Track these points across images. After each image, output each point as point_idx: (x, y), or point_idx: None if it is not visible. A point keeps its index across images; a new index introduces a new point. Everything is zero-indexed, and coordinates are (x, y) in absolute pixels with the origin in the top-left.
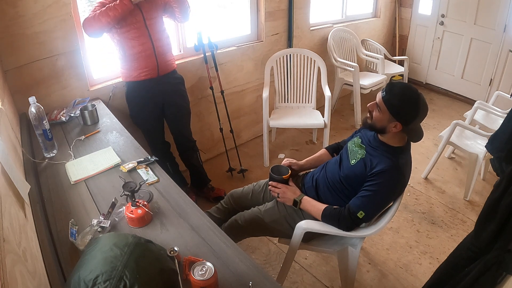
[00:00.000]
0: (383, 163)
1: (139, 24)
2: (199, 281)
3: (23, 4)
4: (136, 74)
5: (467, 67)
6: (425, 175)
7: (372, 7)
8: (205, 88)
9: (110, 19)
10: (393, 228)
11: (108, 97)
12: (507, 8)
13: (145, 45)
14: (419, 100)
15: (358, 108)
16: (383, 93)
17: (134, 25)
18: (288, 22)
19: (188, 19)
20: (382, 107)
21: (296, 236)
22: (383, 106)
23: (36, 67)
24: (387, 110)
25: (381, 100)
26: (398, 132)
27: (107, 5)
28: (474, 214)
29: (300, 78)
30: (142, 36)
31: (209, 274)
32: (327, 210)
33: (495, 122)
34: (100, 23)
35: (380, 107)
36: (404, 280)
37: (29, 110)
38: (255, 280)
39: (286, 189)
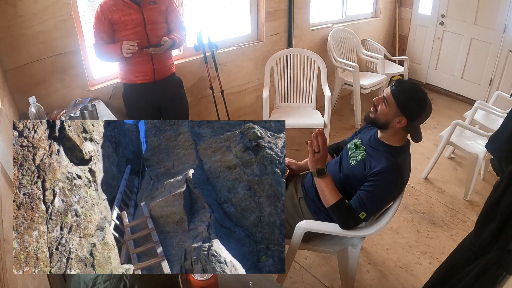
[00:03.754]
0: (383, 163)
1: (139, 29)
2: (199, 281)
3: (23, 4)
4: (132, 77)
5: (467, 67)
6: (425, 175)
7: (372, 7)
8: (205, 88)
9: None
10: (393, 228)
11: (108, 97)
12: (507, 8)
13: (142, 51)
14: (426, 98)
15: (358, 108)
16: (392, 87)
17: (134, 29)
18: (288, 22)
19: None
20: (390, 100)
21: (296, 236)
22: (391, 99)
23: (36, 67)
24: (395, 103)
25: (389, 93)
26: (400, 129)
27: (109, 47)
28: (474, 214)
29: (300, 78)
30: (140, 41)
31: (209, 274)
32: (339, 205)
33: (495, 122)
34: (109, 60)
35: (387, 100)
36: (404, 280)
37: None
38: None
39: (325, 156)
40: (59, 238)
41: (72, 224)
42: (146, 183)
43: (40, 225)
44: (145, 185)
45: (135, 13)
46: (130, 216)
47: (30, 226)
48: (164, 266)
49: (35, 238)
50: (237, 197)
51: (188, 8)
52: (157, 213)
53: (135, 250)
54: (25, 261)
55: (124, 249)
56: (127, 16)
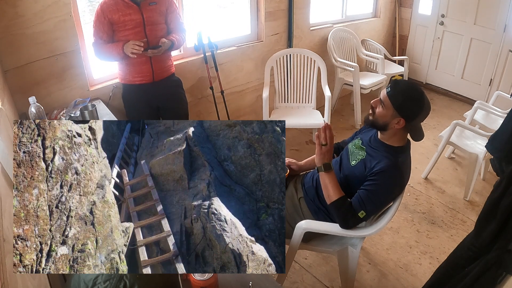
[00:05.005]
0: (383, 162)
1: (138, 29)
2: (199, 281)
3: (23, 4)
4: (131, 78)
5: (467, 67)
6: (425, 175)
7: (372, 7)
8: (205, 88)
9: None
10: (393, 228)
11: (108, 97)
12: (507, 8)
13: None
14: (423, 97)
15: (358, 108)
16: (388, 89)
17: (133, 30)
18: (288, 22)
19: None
20: (386, 102)
21: (296, 236)
22: (387, 101)
23: (36, 67)
24: (391, 105)
25: (385, 96)
26: (399, 129)
27: (109, 46)
28: (474, 214)
29: (300, 78)
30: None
31: (209, 274)
32: (341, 202)
33: (495, 122)
34: (107, 60)
35: (384, 103)
36: (404, 280)
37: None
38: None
39: (331, 150)
40: (59, 196)
41: (72, 182)
42: (146, 141)
43: (40, 183)
44: (145, 143)
45: (135, 13)
46: (130, 174)
47: (30, 184)
48: (164, 224)
49: (35, 196)
50: (237, 155)
51: (188, 8)
52: (157, 171)
53: (135, 208)
54: (25, 219)
55: (124, 207)
56: (127, 16)
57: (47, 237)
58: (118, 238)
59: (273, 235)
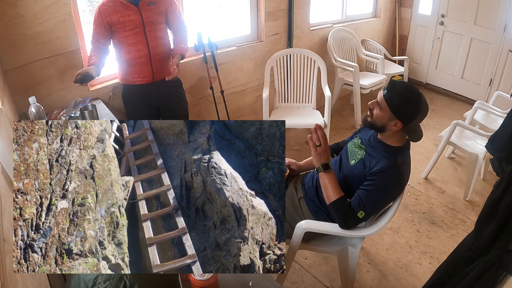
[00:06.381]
0: (382, 162)
1: (137, 30)
2: (199, 281)
3: (23, 4)
4: (130, 78)
5: (467, 67)
6: (425, 175)
7: (372, 7)
8: (205, 88)
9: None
10: (393, 228)
11: (108, 97)
12: (507, 8)
13: (141, 52)
14: (420, 99)
15: (358, 108)
16: (384, 91)
17: (132, 31)
18: (288, 22)
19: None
20: (383, 105)
21: (296, 236)
22: (384, 104)
23: (36, 67)
24: (388, 108)
25: (382, 98)
26: (397, 131)
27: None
28: (474, 214)
29: (300, 78)
30: (139, 43)
31: (209, 274)
32: (340, 202)
33: (495, 122)
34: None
35: (381, 105)
36: (404, 280)
37: (29, 110)
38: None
39: (327, 149)
40: (59, 150)
41: (72, 136)
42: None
43: (40, 137)
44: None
45: (134, 14)
46: (130, 128)
47: (30, 138)
48: (164, 178)
49: (35, 150)
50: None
51: (188, 8)
52: (157, 125)
53: (135, 162)
54: (25, 173)
55: (124, 161)
56: (126, 18)
57: (47, 191)
58: (118, 192)
59: (273, 189)
